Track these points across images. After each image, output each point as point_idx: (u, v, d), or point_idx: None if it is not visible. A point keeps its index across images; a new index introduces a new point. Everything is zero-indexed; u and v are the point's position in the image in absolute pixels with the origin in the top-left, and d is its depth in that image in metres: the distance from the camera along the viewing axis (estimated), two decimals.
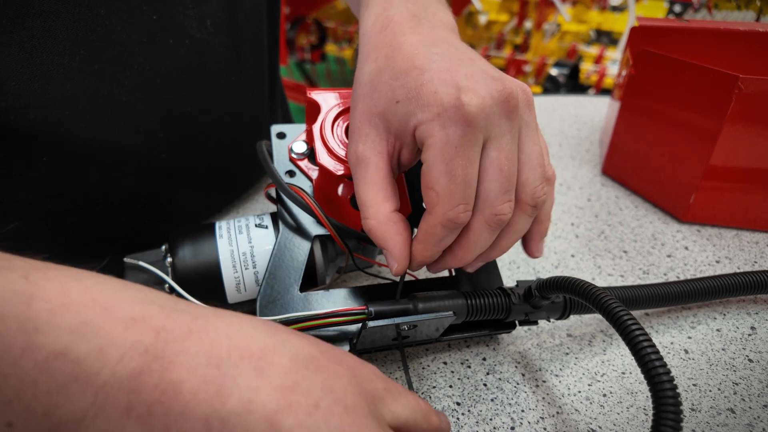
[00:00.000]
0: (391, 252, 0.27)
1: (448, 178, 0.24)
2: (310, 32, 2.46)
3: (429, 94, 0.24)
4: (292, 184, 0.32)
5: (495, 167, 0.25)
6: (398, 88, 0.26)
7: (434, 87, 0.24)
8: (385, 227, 0.26)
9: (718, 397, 0.31)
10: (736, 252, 0.43)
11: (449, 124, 0.24)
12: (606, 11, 2.18)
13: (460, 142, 0.24)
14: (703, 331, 0.36)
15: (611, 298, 0.26)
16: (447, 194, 0.24)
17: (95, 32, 0.32)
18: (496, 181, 0.25)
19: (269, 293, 0.30)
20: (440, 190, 0.24)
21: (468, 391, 0.31)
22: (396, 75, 0.26)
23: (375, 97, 0.27)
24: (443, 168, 0.24)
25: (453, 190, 0.24)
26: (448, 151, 0.24)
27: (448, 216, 0.25)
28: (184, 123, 0.39)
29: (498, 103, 0.24)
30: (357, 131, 0.27)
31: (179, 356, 0.17)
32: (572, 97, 0.71)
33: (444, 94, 0.24)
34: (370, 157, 0.27)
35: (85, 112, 0.33)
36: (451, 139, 0.24)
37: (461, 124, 0.24)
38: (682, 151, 0.44)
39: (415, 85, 0.25)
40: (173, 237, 0.33)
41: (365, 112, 0.27)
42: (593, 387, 0.32)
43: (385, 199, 0.27)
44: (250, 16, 0.41)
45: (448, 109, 0.24)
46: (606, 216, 0.47)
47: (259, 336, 0.19)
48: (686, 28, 0.44)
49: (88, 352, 0.16)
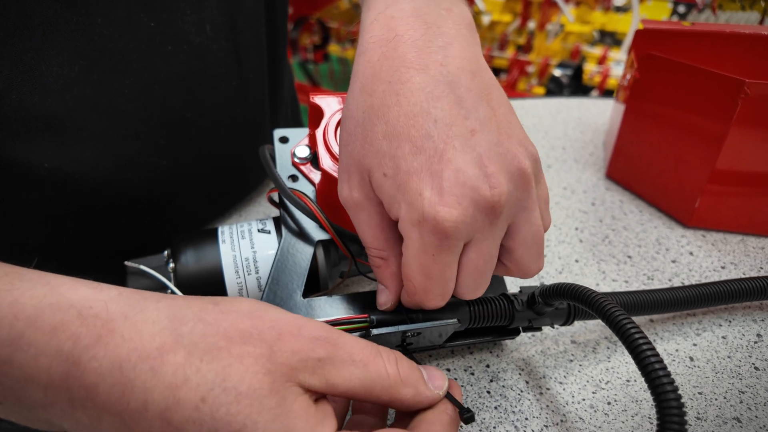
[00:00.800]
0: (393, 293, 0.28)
1: (424, 278, 0.24)
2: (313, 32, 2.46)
3: (414, 192, 0.23)
4: (294, 189, 0.32)
5: (471, 268, 0.25)
6: (388, 157, 0.24)
7: (420, 186, 0.23)
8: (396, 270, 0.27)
9: (723, 406, 0.31)
10: (742, 258, 0.42)
11: (427, 234, 0.23)
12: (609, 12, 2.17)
13: (436, 251, 0.24)
14: (709, 338, 0.35)
15: (613, 305, 0.26)
16: (423, 290, 0.25)
17: (93, 41, 0.32)
18: (472, 279, 0.25)
19: (272, 299, 0.30)
20: (417, 285, 0.25)
21: (471, 399, 0.31)
22: (389, 135, 0.24)
23: (366, 149, 0.25)
24: (420, 269, 0.24)
25: (430, 287, 0.25)
26: (424, 257, 0.24)
27: (422, 304, 0.26)
28: (184, 128, 0.39)
29: (482, 211, 0.23)
30: (347, 174, 0.26)
31: (91, 362, 0.19)
32: (576, 99, 0.71)
33: (427, 201, 0.23)
34: (369, 207, 0.26)
35: (86, 121, 0.33)
36: (428, 248, 0.24)
37: (439, 237, 0.23)
38: (687, 156, 0.44)
39: (404, 169, 0.23)
40: (175, 242, 0.33)
41: (356, 158, 0.26)
42: (597, 395, 0.32)
43: (396, 244, 0.26)
44: (250, 20, 0.41)
45: (429, 220, 0.23)
46: (610, 220, 0.47)
47: (157, 335, 0.20)
48: (691, 32, 0.44)
49: (26, 360, 0.19)
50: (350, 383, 0.21)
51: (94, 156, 0.35)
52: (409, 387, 0.23)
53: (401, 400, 0.23)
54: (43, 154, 0.32)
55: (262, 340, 0.21)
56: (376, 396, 0.22)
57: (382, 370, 0.22)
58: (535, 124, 0.64)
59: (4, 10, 0.28)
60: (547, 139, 0.61)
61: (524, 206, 0.25)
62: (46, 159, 0.32)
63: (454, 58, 0.25)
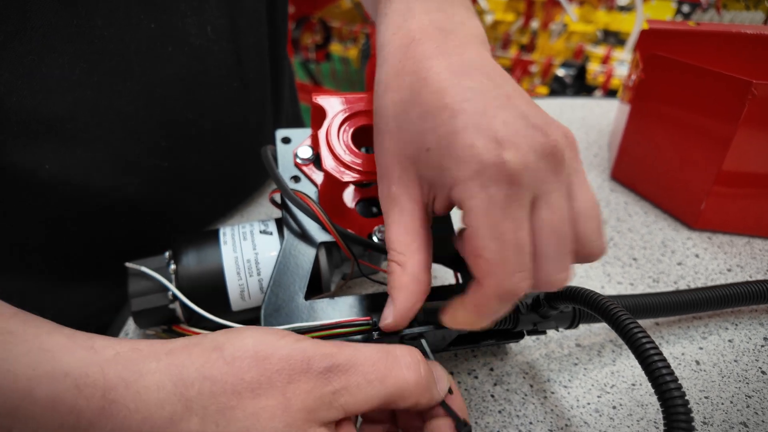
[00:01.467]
0: (397, 308, 0.25)
1: (498, 243, 0.21)
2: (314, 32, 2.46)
3: (464, 147, 0.22)
4: (297, 190, 0.31)
5: (548, 229, 0.22)
6: (428, 131, 0.23)
7: (470, 138, 0.22)
8: (408, 280, 0.24)
9: (730, 410, 0.30)
10: (748, 260, 0.42)
11: (491, 184, 0.21)
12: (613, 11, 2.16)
13: (505, 203, 0.21)
14: (715, 341, 0.35)
15: (619, 308, 0.26)
16: (500, 262, 0.21)
17: (93, 44, 0.31)
18: (553, 242, 0.22)
19: (274, 301, 0.30)
20: (491, 257, 0.21)
21: (475, 403, 0.31)
22: (424, 114, 0.23)
23: (403, 138, 0.24)
24: (490, 233, 0.21)
25: (506, 257, 0.21)
26: (493, 213, 0.21)
27: (504, 287, 0.22)
28: (185, 130, 0.39)
29: (543, 157, 0.22)
30: (387, 172, 0.25)
31: None
32: (580, 99, 0.71)
33: (482, 148, 0.21)
34: (405, 203, 0.25)
35: (86, 124, 0.33)
36: (494, 200, 0.21)
37: (504, 184, 0.21)
38: (693, 157, 0.44)
39: (446, 132, 0.22)
40: (177, 243, 0.33)
41: (394, 152, 0.25)
42: (603, 399, 0.31)
43: (419, 250, 0.25)
44: (251, 21, 0.41)
45: (488, 167, 0.21)
46: (615, 222, 0.47)
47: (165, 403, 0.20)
48: (696, 32, 0.43)
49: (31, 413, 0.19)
50: (370, 404, 0.21)
51: (94, 158, 0.34)
52: (426, 392, 0.23)
53: (418, 407, 0.23)
54: (43, 156, 0.32)
55: (274, 389, 0.20)
56: (396, 405, 0.22)
57: (401, 381, 0.22)
58: None
59: (5, 13, 0.28)
60: None
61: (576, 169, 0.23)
62: (46, 161, 0.32)
63: (472, 54, 0.25)
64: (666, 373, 0.22)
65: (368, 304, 0.30)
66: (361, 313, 0.29)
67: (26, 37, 0.29)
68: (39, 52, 0.29)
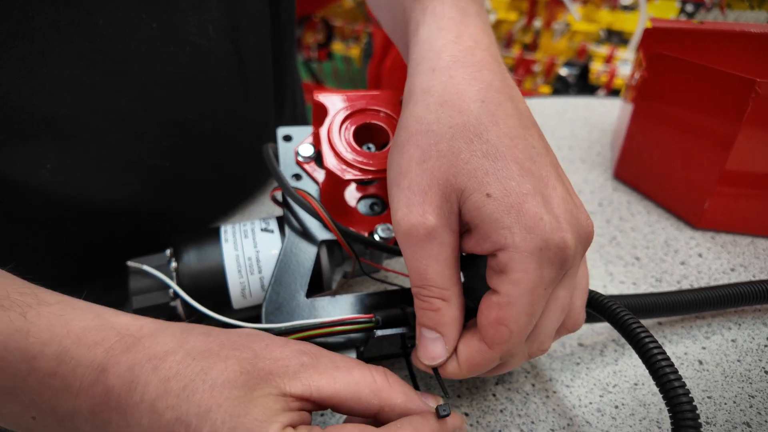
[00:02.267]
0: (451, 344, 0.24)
1: (528, 319, 0.22)
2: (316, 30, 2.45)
3: (534, 217, 0.21)
4: (298, 188, 0.31)
5: (559, 306, 0.23)
6: (492, 176, 0.22)
7: (539, 209, 0.21)
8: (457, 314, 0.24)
9: (733, 410, 0.30)
10: (752, 260, 0.42)
11: (547, 264, 0.21)
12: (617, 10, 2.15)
13: (549, 284, 0.22)
14: (718, 341, 0.35)
15: (621, 308, 0.25)
16: (520, 333, 0.22)
17: (94, 43, 0.31)
18: (556, 320, 0.24)
19: (275, 299, 0.30)
20: (515, 329, 0.22)
21: (477, 401, 0.31)
22: (491, 155, 0.22)
23: (457, 167, 0.22)
24: (527, 309, 0.22)
25: (526, 330, 0.22)
26: (537, 292, 0.21)
27: (510, 351, 0.23)
28: (186, 130, 0.39)
29: (581, 242, 0.22)
30: (422, 195, 0.23)
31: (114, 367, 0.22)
32: (583, 98, 0.70)
33: (550, 225, 0.21)
34: (445, 236, 0.23)
35: (87, 123, 0.33)
36: (544, 280, 0.21)
37: (557, 266, 0.21)
38: (696, 156, 0.44)
39: (515, 191, 0.21)
40: (178, 241, 0.33)
41: (438, 176, 0.23)
42: (605, 398, 0.31)
43: (458, 280, 0.24)
44: (253, 21, 0.41)
45: (552, 247, 0.21)
46: (618, 221, 0.47)
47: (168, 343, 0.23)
48: (700, 30, 0.43)
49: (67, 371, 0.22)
50: (335, 386, 0.22)
51: (95, 158, 0.34)
52: (398, 393, 0.23)
53: (392, 405, 0.23)
54: (44, 156, 0.32)
55: (251, 348, 0.23)
56: (366, 401, 0.22)
57: (368, 376, 0.23)
58: (541, 123, 0.63)
59: (7, 13, 0.28)
60: (553, 138, 0.60)
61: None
62: (47, 161, 0.32)
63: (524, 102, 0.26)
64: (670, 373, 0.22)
65: (369, 302, 0.30)
66: (363, 311, 0.29)
67: (28, 37, 0.29)
68: (40, 52, 0.29)
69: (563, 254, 0.21)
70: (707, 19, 0.74)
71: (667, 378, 0.22)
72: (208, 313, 0.30)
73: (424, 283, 0.23)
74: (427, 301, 0.24)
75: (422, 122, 0.24)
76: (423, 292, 0.24)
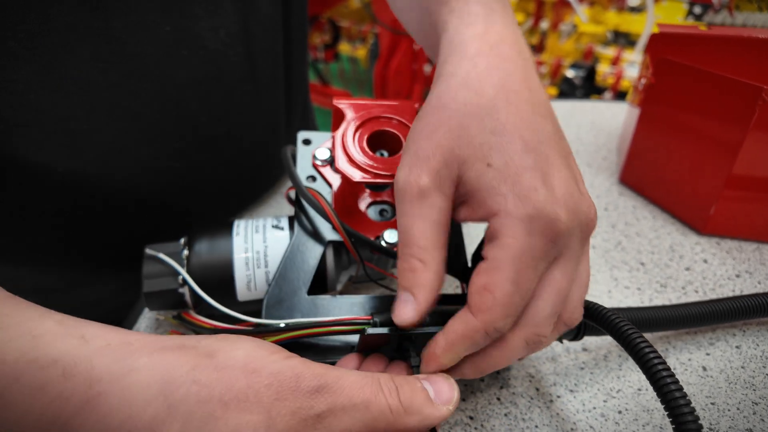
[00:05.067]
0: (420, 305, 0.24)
1: (514, 288, 0.22)
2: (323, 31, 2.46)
3: (529, 186, 0.22)
4: (310, 188, 0.32)
5: (554, 289, 0.23)
6: (496, 149, 0.23)
7: (536, 182, 0.22)
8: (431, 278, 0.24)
9: (737, 417, 0.30)
10: (757, 266, 0.42)
11: (538, 234, 0.22)
12: (624, 12, 2.15)
13: (539, 255, 0.22)
14: (722, 347, 0.35)
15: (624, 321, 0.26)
16: (505, 303, 0.22)
17: (111, 45, 0.32)
18: (551, 303, 0.23)
19: (277, 294, 0.30)
20: (500, 297, 0.22)
21: (481, 405, 0.31)
22: (498, 131, 0.23)
23: (462, 139, 0.24)
24: (513, 277, 0.22)
25: (513, 301, 0.22)
26: (524, 261, 0.22)
27: (496, 325, 0.23)
28: (199, 132, 0.39)
29: (581, 225, 0.23)
30: (425, 161, 0.24)
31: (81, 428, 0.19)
32: (589, 102, 0.70)
33: (544, 197, 0.22)
34: (436, 198, 0.24)
35: (101, 124, 0.34)
36: (532, 250, 0.22)
37: (548, 239, 0.22)
38: (702, 162, 0.44)
39: (515, 162, 0.23)
40: (193, 231, 0.34)
41: (444, 145, 0.24)
42: (608, 403, 0.31)
43: (442, 248, 0.24)
44: (266, 26, 0.41)
45: (542, 217, 0.22)
46: (623, 226, 0.47)
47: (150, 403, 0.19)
48: (707, 36, 0.43)
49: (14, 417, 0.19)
50: (353, 429, 0.21)
51: (109, 158, 0.35)
52: (413, 415, 0.22)
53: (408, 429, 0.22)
54: (58, 156, 0.33)
55: (260, 404, 0.20)
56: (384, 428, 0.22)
57: (384, 407, 0.21)
58: None
59: (26, 13, 0.28)
60: None
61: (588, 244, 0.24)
62: (61, 161, 0.33)
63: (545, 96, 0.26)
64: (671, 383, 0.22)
65: (370, 304, 0.30)
66: (362, 312, 0.30)
67: (46, 38, 0.29)
68: (58, 53, 0.30)
69: (554, 227, 0.22)
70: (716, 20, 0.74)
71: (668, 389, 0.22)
72: (210, 302, 0.31)
73: (406, 242, 0.24)
74: (407, 261, 0.24)
75: (441, 99, 0.25)
76: (404, 250, 0.24)
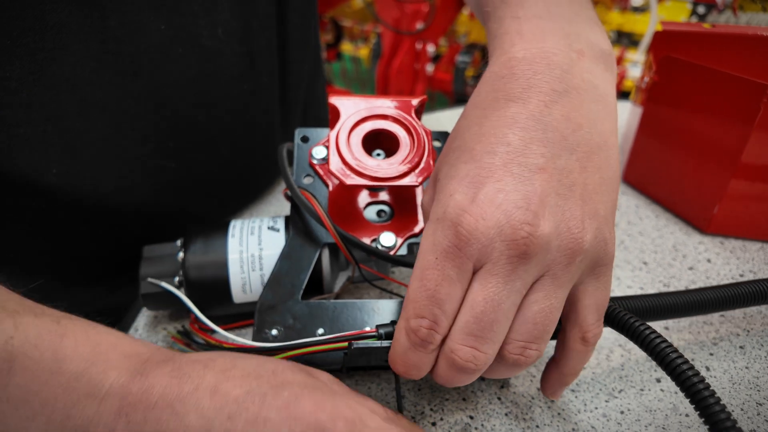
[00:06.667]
0: None
1: (418, 284, 0.23)
2: (326, 31, 2.46)
3: (447, 192, 0.23)
4: (304, 190, 0.31)
5: (475, 304, 0.22)
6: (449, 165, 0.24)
7: (455, 189, 0.23)
8: None
9: (740, 418, 0.30)
10: (761, 266, 0.41)
11: (441, 232, 0.22)
12: (627, 12, 2.14)
13: (441, 256, 0.22)
14: (726, 347, 0.35)
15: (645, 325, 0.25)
16: (413, 300, 0.22)
17: (105, 44, 0.32)
18: (472, 317, 0.22)
19: (270, 298, 0.30)
20: (409, 294, 0.23)
21: (481, 405, 0.31)
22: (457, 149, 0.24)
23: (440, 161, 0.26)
24: (418, 273, 0.23)
25: (418, 299, 0.22)
26: (427, 258, 0.22)
27: (410, 325, 0.23)
28: (194, 132, 0.39)
29: (504, 243, 0.21)
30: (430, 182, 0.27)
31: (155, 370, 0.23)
32: None
33: (454, 201, 0.22)
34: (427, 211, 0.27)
35: (94, 123, 0.33)
36: (436, 247, 0.22)
37: (451, 238, 0.22)
38: (706, 161, 0.43)
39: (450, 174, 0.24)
40: (189, 232, 0.34)
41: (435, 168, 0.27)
42: (610, 403, 0.31)
43: None
44: (264, 23, 0.41)
45: (448, 218, 0.22)
46: (626, 225, 0.46)
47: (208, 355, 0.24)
48: (711, 33, 0.43)
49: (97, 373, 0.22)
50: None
51: (102, 157, 0.35)
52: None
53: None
54: (51, 155, 0.32)
55: None
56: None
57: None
58: None
59: (22, 11, 0.28)
60: None
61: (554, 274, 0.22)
62: (54, 164, 0.33)
63: (561, 107, 0.23)
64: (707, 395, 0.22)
65: (365, 309, 0.30)
66: (357, 317, 0.30)
67: (40, 35, 0.29)
68: (51, 50, 0.30)
69: (456, 229, 0.22)
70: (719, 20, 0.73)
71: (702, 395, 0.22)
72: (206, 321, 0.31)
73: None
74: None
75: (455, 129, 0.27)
76: None
